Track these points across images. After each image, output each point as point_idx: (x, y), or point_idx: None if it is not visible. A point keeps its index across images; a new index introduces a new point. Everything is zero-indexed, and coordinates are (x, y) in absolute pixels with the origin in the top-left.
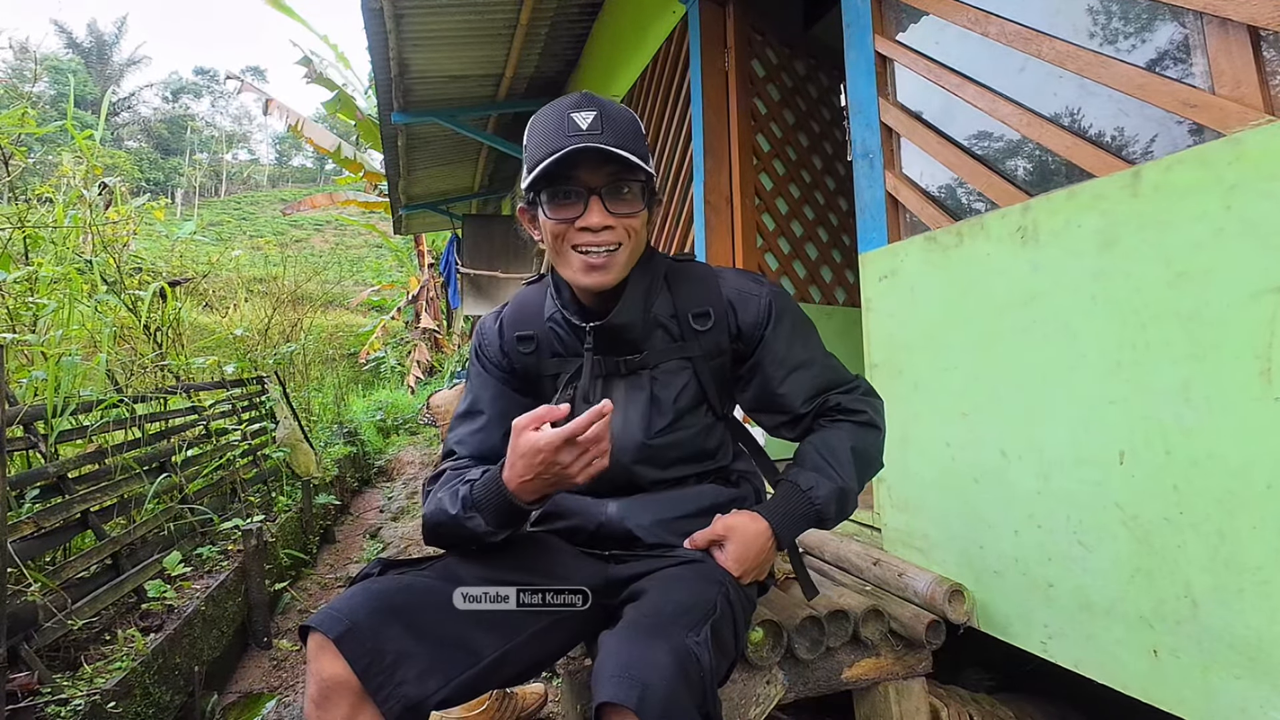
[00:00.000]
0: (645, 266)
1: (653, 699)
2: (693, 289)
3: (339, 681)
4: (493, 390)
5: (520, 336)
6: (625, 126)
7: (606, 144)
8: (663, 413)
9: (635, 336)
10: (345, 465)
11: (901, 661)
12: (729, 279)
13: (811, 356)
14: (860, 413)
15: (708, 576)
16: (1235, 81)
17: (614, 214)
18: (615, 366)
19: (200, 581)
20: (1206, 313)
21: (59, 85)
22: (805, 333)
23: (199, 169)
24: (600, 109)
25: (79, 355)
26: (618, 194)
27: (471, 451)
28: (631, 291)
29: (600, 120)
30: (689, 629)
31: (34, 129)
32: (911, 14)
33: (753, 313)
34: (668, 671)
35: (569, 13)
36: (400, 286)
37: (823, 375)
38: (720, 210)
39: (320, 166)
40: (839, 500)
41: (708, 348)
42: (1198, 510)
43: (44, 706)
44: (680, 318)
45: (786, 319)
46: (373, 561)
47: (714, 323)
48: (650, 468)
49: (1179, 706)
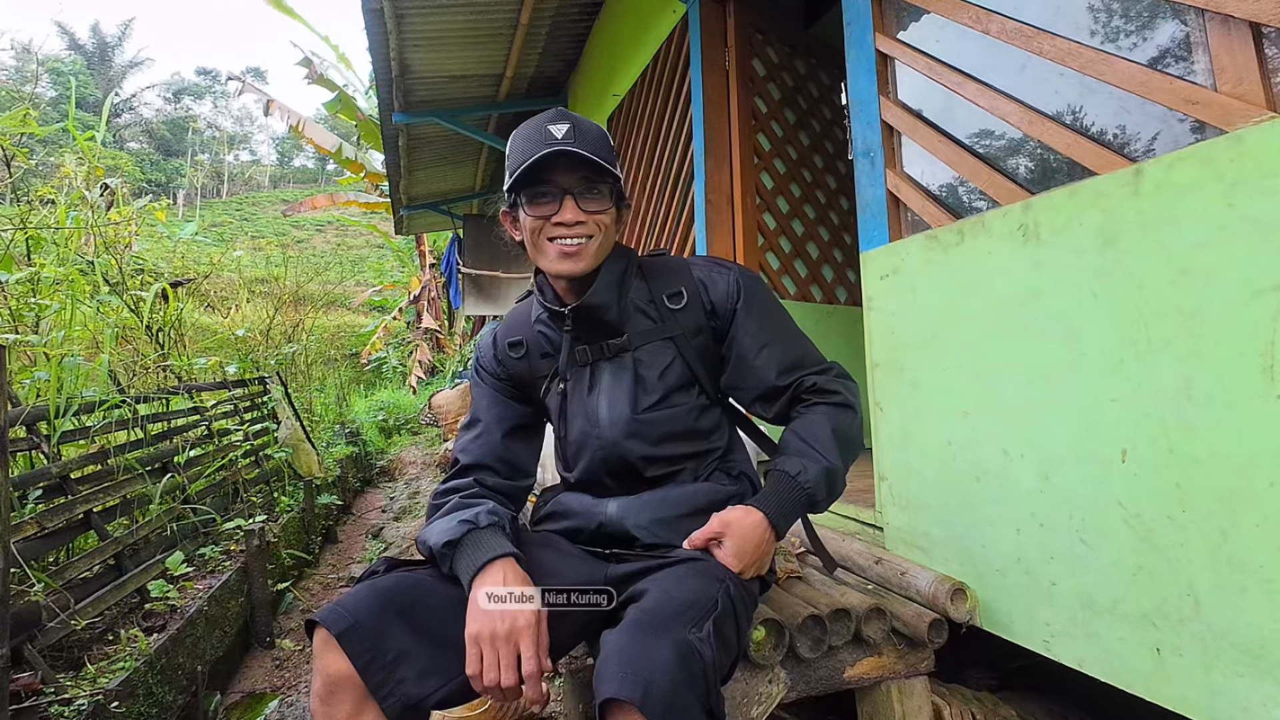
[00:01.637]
0: (617, 259)
1: (657, 694)
2: (665, 275)
3: (343, 677)
4: (489, 398)
5: (511, 343)
6: (595, 138)
7: (579, 149)
8: (649, 390)
9: (613, 318)
10: (347, 465)
11: (904, 660)
12: (699, 263)
13: (784, 332)
14: (835, 394)
15: (709, 574)
16: (1237, 78)
17: (586, 210)
18: (599, 351)
19: (203, 581)
20: (1208, 310)
21: (61, 87)
22: (775, 310)
23: (200, 170)
24: (573, 122)
25: (81, 356)
26: (589, 193)
27: (474, 460)
28: (605, 276)
29: (573, 131)
30: (691, 625)
31: (36, 130)
32: (912, 12)
33: (722, 289)
34: (671, 667)
35: (569, 13)
36: (402, 287)
37: (795, 350)
38: (721, 209)
39: (321, 167)
40: (828, 480)
41: (687, 326)
42: (1200, 508)
43: (47, 706)
44: (657, 301)
45: (756, 297)
46: (378, 560)
47: (688, 300)
48: (640, 443)
49: (1182, 705)
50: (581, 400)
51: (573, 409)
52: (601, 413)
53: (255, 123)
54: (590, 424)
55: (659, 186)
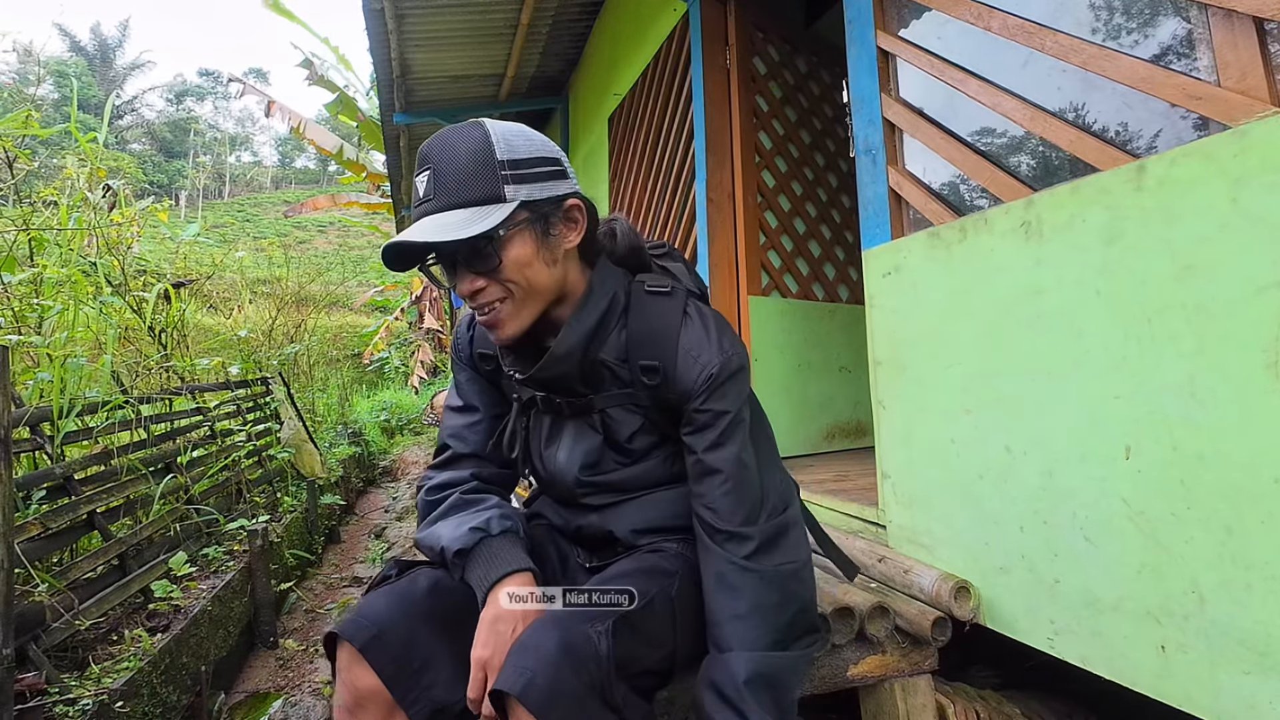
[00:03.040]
0: (591, 302)
1: (537, 684)
2: (650, 332)
3: (371, 691)
4: (476, 384)
5: (482, 354)
6: (465, 175)
7: (434, 215)
8: (617, 451)
9: (570, 385)
10: (350, 465)
11: (907, 659)
12: (691, 333)
13: (718, 452)
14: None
15: (655, 568)
16: (1241, 73)
17: (480, 273)
18: (559, 407)
19: (206, 582)
20: (1212, 307)
21: (63, 89)
22: (732, 421)
23: (202, 171)
24: (434, 166)
25: (84, 357)
26: (476, 253)
27: (470, 449)
28: (567, 337)
29: (432, 181)
30: (593, 619)
31: (38, 132)
32: (914, 9)
33: (688, 381)
34: (553, 657)
35: (570, 12)
36: (403, 287)
37: (725, 492)
38: (722, 208)
39: (323, 168)
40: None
41: (657, 400)
42: (1205, 505)
43: (52, 706)
44: (631, 364)
45: (715, 397)
46: (388, 564)
47: (661, 380)
48: (603, 495)
49: (1187, 702)
50: (540, 445)
51: (532, 447)
52: (559, 464)
53: (257, 124)
54: (546, 472)
55: (660, 185)
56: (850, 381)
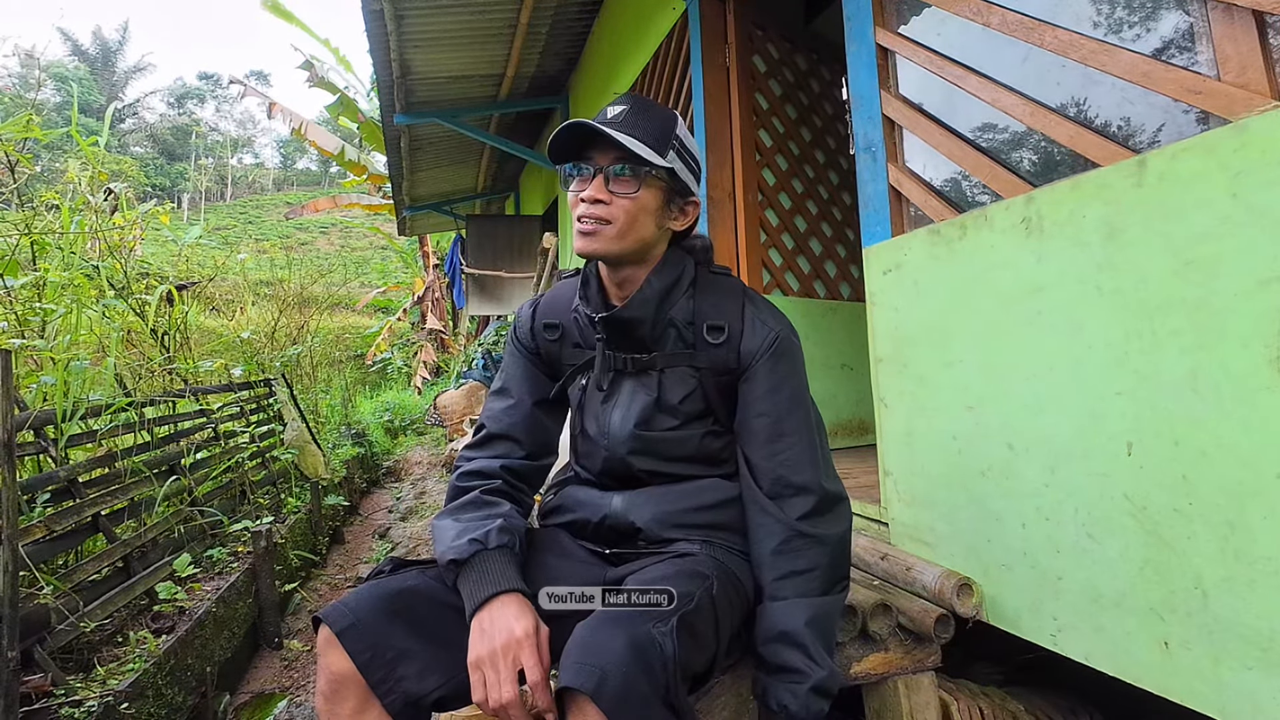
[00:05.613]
0: (668, 268)
1: (610, 684)
2: (717, 301)
3: (345, 675)
4: (522, 369)
5: (547, 324)
6: (651, 124)
7: (618, 129)
8: (667, 413)
9: (644, 335)
10: (353, 466)
11: (910, 656)
12: (757, 303)
13: (790, 416)
14: (822, 545)
15: (693, 571)
16: (1241, 67)
17: (611, 191)
18: (624, 364)
19: (211, 583)
20: (1214, 301)
21: (64, 93)
22: (797, 389)
23: (204, 174)
24: (633, 104)
25: (87, 360)
26: (620, 175)
27: (503, 430)
28: (646, 289)
29: (628, 114)
30: (656, 619)
31: (40, 136)
32: (913, 6)
33: (756, 341)
34: (625, 657)
35: (569, 11)
36: (406, 287)
37: (794, 449)
38: (723, 206)
39: (325, 169)
40: (824, 691)
41: (715, 363)
42: (1207, 501)
43: (58, 708)
44: (697, 325)
45: (785, 363)
46: (385, 560)
47: (726, 339)
48: (646, 459)
49: (1190, 698)
50: (597, 405)
51: (589, 410)
52: (614, 424)
53: (258, 126)
54: (600, 432)
55: None
56: (852, 379)
